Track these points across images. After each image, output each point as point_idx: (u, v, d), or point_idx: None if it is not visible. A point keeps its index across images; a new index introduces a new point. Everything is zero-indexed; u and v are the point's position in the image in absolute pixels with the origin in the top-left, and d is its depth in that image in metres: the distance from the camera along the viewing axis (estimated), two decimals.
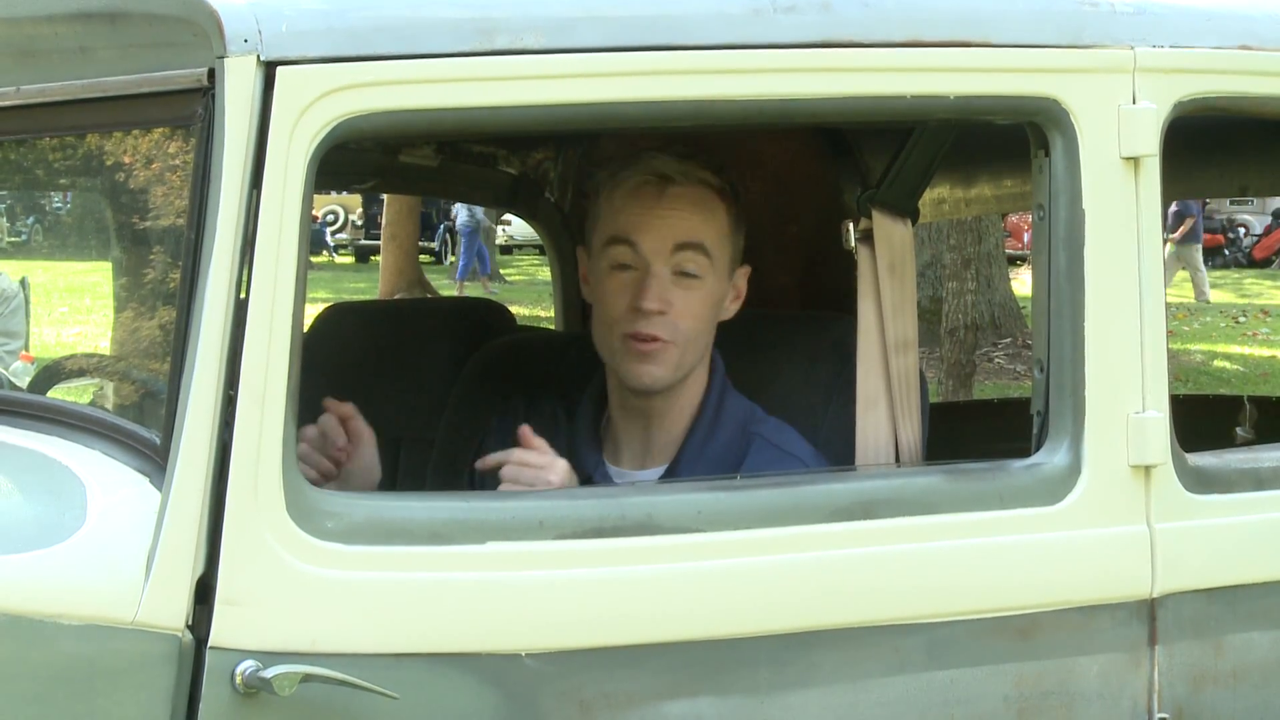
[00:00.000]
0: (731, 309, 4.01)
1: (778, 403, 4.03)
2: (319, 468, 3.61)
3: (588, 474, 4.00)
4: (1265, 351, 24.86)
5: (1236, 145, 4.28)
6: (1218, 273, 40.66)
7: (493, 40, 3.29)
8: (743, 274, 4.03)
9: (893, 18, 3.63)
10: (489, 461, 3.69)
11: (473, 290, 30.34)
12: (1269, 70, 3.92)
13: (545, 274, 6.93)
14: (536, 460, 3.65)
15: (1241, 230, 45.14)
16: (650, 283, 3.88)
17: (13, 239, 11.29)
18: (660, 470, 3.99)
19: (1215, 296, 33.02)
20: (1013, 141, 3.79)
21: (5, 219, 11.05)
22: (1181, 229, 29.99)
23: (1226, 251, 44.17)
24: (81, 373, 4.46)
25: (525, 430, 3.72)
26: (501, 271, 34.66)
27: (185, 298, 3.12)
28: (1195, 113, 3.78)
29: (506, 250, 36.48)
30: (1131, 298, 3.69)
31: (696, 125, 3.82)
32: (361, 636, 3.15)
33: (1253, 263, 44.05)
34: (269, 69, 3.12)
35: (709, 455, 3.96)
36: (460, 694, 3.20)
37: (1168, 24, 3.82)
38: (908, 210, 3.94)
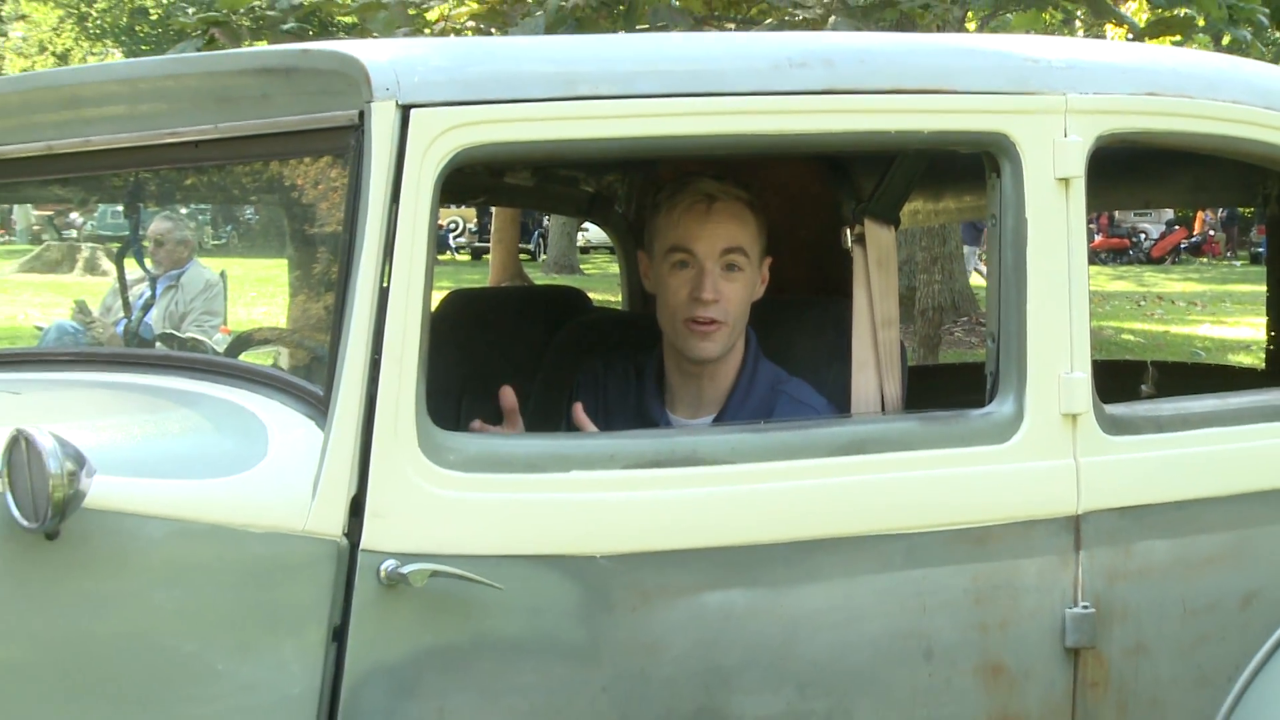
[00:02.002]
0: (760, 291, 4.00)
1: (793, 365, 4.02)
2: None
3: (653, 419, 4.02)
4: (1160, 327, 24.81)
5: (1142, 169, 4.26)
6: (1123, 268, 40.55)
7: (575, 89, 3.28)
8: (767, 263, 4.01)
9: (880, 71, 3.61)
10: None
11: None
12: (1168, 112, 3.89)
13: (614, 268, 6.98)
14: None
15: (1142, 235, 45.14)
16: (706, 279, 3.88)
17: (216, 242, 11.37)
18: (710, 419, 3.99)
19: (1120, 287, 32.86)
20: (972, 166, 3.76)
21: (210, 227, 11.09)
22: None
23: (1130, 252, 44.16)
24: (265, 342, 4.47)
25: (577, 408, 3.76)
26: (581, 267, 34.60)
27: (342, 286, 3.12)
28: (1112, 144, 3.76)
29: (585, 250, 36.44)
30: (1062, 285, 3.67)
31: (730, 154, 3.82)
32: (475, 542, 3.14)
33: (1150, 260, 44.00)
34: (405, 111, 3.12)
35: (747, 407, 3.96)
36: (549, 586, 3.19)
37: (1092, 76, 3.79)
38: (891, 219, 3.93)
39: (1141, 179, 4.84)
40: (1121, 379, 4.10)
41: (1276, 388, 4.22)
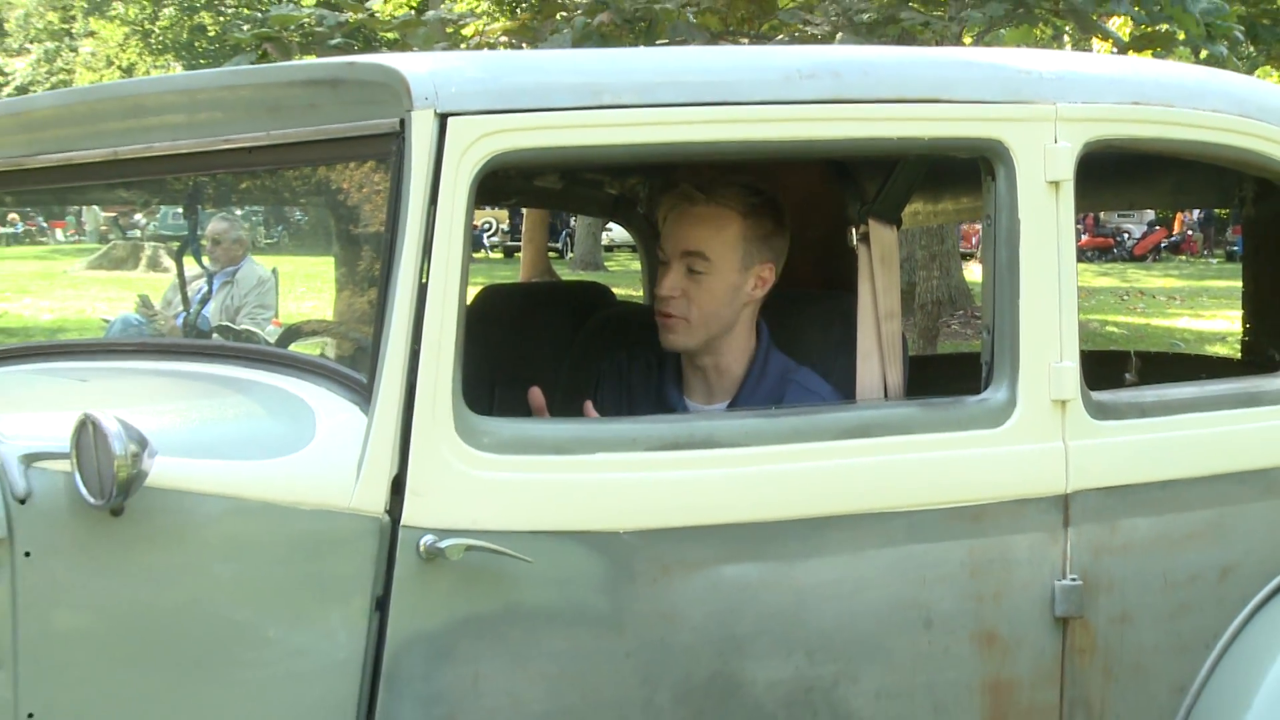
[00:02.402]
0: (757, 294, 3.96)
1: (802, 355, 4.01)
2: None
3: (671, 405, 4.01)
4: (1142, 320, 24.80)
5: (1127, 172, 4.25)
6: (1107, 265, 40.50)
7: (600, 98, 3.28)
8: (766, 268, 3.97)
9: (884, 81, 3.60)
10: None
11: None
12: (1151, 119, 3.88)
13: (636, 266, 6.96)
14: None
15: (1125, 234, 45.07)
16: (666, 276, 3.91)
17: (268, 241, 11.39)
18: (724, 404, 3.98)
19: (1105, 283, 32.75)
20: (969, 170, 3.75)
21: (263, 227, 11.10)
22: None
23: (1114, 250, 44.10)
24: (313, 333, 4.47)
25: (588, 405, 3.73)
26: (606, 264, 34.59)
27: (384, 282, 3.12)
28: (1099, 150, 3.75)
29: (609, 249, 36.47)
30: (1053, 281, 3.65)
31: (743, 159, 3.80)
32: (507, 519, 3.14)
33: (1133, 258, 43.94)
34: (442, 119, 3.12)
35: (759, 394, 3.95)
36: (576, 560, 3.19)
37: (1081, 86, 3.78)
38: (894, 219, 3.91)
39: (1126, 182, 4.83)
40: (1107, 368, 4.08)
41: (1251, 376, 4.20)
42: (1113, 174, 3.95)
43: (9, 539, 2.83)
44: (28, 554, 2.85)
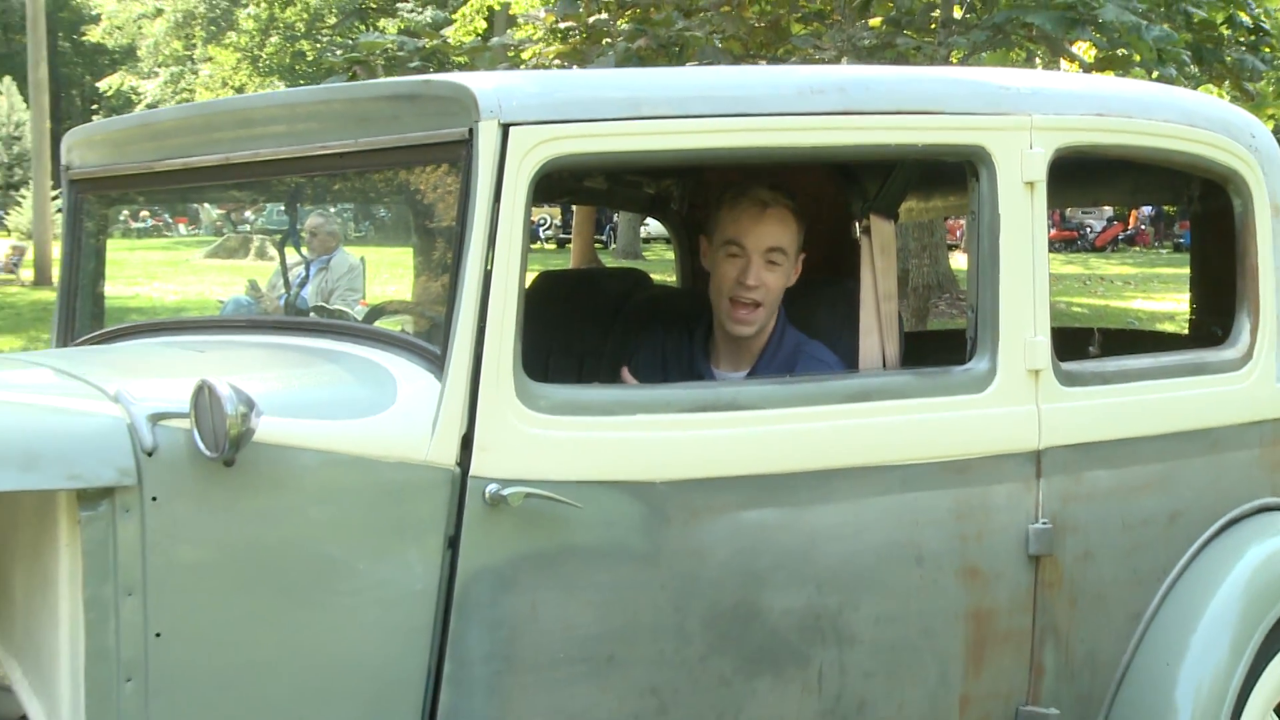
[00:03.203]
0: (793, 279, 3.99)
1: (813, 330, 4.01)
2: None
3: (700, 373, 4.02)
4: (1102, 302, 24.79)
5: (1091, 174, 4.24)
6: (1072, 255, 40.36)
7: (639, 110, 3.26)
8: (801, 257, 3.99)
9: (883, 96, 3.58)
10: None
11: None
12: (1113, 129, 3.87)
13: (669, 255, 6.92)
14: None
15: (1088, 228, 44.92)
16: (751, 269, 3.89)
17: (357, 234, 11.40)
18: (745, 372, 3.97)
19: (1070, 270, 32.43)
20: (956, 172, 3.73)
21: (352, 221, 11.11)
22: None
23: (1078, 241, 43.95)
24: (395, 312, 4.47)
25: (624, 371, 3.77)
26: (643, 254, 34.45)
27: (455, 268, 3.11)
28: (1068, 155, 3.73)
29: (646, 241, 36.35)
30: (1027, 268, 3.64)
31: (762, 162, 3.80)
32: (560, 470, 3.13)
33: (1095, 249, 43.81)
34: (505, 129, 3.10)
35: (775, 364, 3.94)
36: (618, 505, 3.18)
37: (1052, 100, 3.77)
38: (892, 214, 3.90)
39: (1090, 182, 4.81)
40: (1073, 342, 4.06)
41: (1197, 349, 4.18)
42: (1079, 175, 3.93)
43: (139, 486, 2.84)
44: (154, 498, 2.85)
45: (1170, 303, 23.08)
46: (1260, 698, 3.91)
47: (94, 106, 59.06)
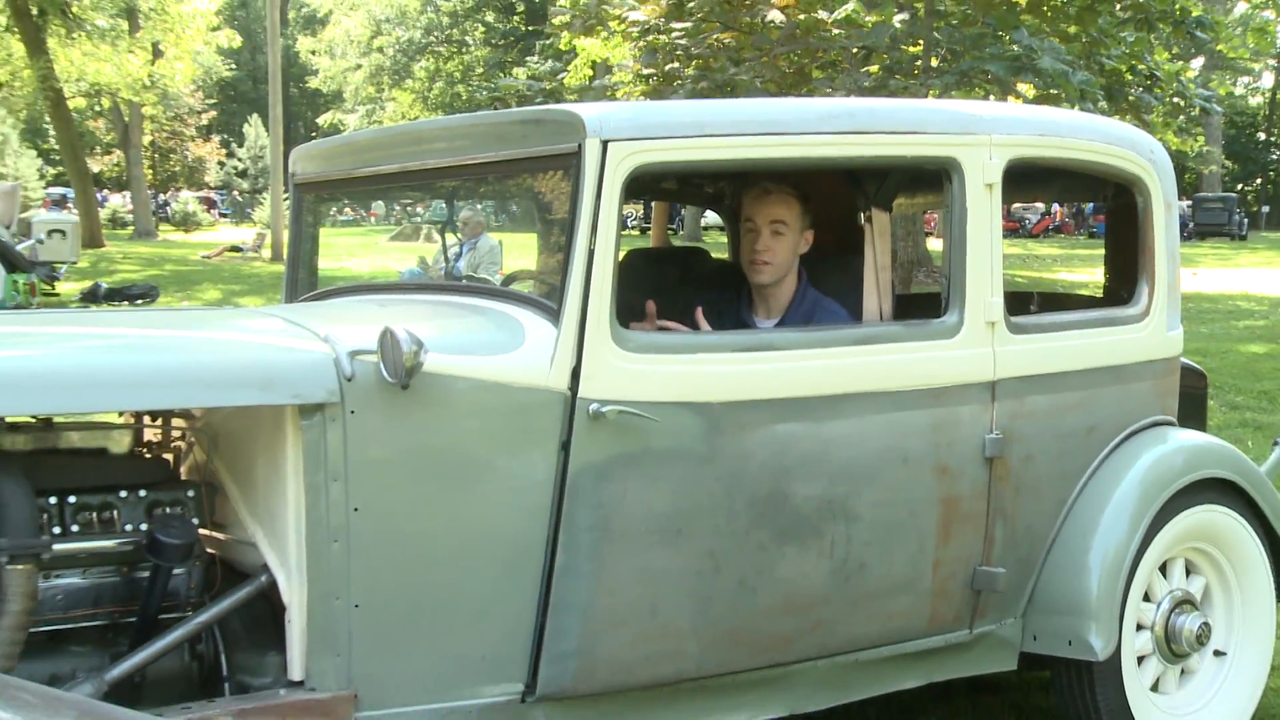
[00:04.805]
0: (803, 249, 3.92)
1: (828, 290, 3.95)
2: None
3: (744, 321, 3.97)
4: (1037, 274, 24.54)
5: (1033, 178, 4.16)
6: (1015, 240, 39.70)
7: (703, 130, 3.21)
8: (809, 233, 3.93)
9: (881, 120, 3.53)
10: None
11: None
12: (1051, 145, 3.81)
13: (723, 239, 6.91)
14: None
15: (1027, 220, 44.09)
16: (760, 237, 3.86)
17: (496, 222, 11.34)
18: (776, 321, 3.92)
19: (1012, 251, 32.07)
20: (935, 176, 3.68)
21: (493, 213, 11.07)
22: None
23: (1019, 230, 43.20)
24: (524, 279, 4.44)
25: (698, 311, 3.69)
26: (704, 238, 34.25)
27: (567, 247, 3.08)
28: (1017, 164, 3.67)
29: (706, 228, 36.10)
30: (987, 248, 3.59)
31: (791, 169, 3.74)
32: (642, 394, 3.10)
33: (1031, 235, 43.11)
34: (604, 144, 3.07)
35: (799, 315, 3.89)
36: (684, 420, 3.15)
37: (1006, 124, 3.70)
38: (887, 207, 3.84)
39: (1031, 184, 4.73)
40: (1018, 302, 4.00)
41: (1109, 308, 4.13)
42: (1024, 180, 3.86)
43: (341, 403, 2.85)
44: (352, 412, 2.86)
45: (1086, 275, 22.77)
46: (1150, 559, 3.87)
47: (312, 134, 59.48)
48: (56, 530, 2.85)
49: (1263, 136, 57.90)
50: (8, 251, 15.37)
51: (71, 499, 2.89)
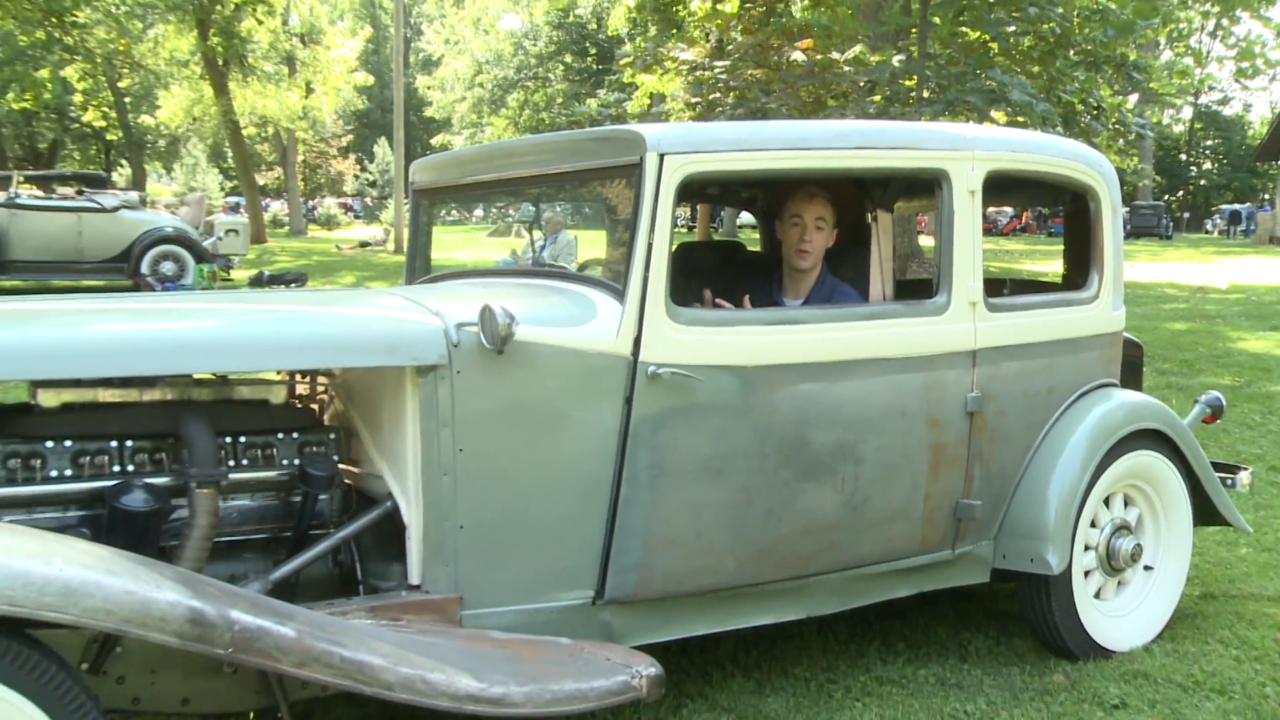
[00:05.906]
0: (831, 242, 3.88)
1: (843, 276, 3.89)
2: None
3: (775, 301, 3.90)
4: (1008, 265, 24.14)
5: (1006, 186, 4.06)
6: (989, 238, 38.78)
7: (741, 145, 3.15)
8: (835, 230, 3.88)
9: (885, 138, 3.44)
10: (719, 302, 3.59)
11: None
12: (1022, 160, 3.72)
13: (756, 235, 6.81)
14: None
15: (998, 220, 43.23)
16: (807, 230, 3.81)
17: (573, 221, 11.25)
18: (802, 300, 3.86)
19: (988, 247, 31.48)
20: (928, 185, 3.59)
21: (570, 214, 11.01)
22: None
23: (992, 230, 42.35)
24: (595, 266, 4.41)
25: (706, 293, 3.64)
26: (739, 234, 33.99)
27: (630, 240, 3.04)
28: (994, 175, 3.59)
29: (741, 226, 35.78)
30: (970, 243, 3.52)
31: (813, 177, 3.67)
32: (691, 358, 3.06)
33: (1003, 234, 42.29)
34: (661, 157, 3.02)
35: (820, 295, 3.83)
36: (725, 380, 3.11)
37: (986, 142, 3.62)
38: (889, 209, 3.76)
39: (1004, 191, 4.61)
40: (994, 287, 3.92)
41: (1066, 292, 4.05)
42: (999, 188, 3.78)
43: (450, 365, 2.83)
44: (458, 372, 2.85)
45: (1047, 266, 22.41)
46: (1096, 494, 3.83)
47: (427, 151, 59.66)
48: (231, 463, 2.88)
49: (1184, 157, 59.05)
50: (196, 246, 15.96)
51: (242, 439, 2.92)
